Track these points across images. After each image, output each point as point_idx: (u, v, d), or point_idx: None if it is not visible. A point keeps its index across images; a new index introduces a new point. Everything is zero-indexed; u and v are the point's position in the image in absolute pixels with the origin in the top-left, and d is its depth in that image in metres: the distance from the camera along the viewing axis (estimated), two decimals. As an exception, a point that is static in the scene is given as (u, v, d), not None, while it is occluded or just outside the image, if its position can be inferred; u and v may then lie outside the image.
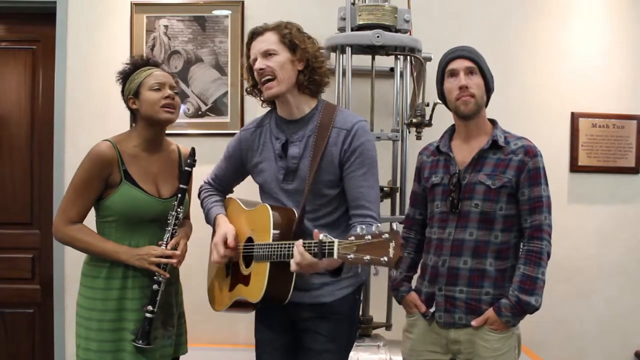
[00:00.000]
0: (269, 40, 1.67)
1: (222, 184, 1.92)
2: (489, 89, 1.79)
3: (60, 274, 2.76)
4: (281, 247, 1.56)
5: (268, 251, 1.59)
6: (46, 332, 2.85)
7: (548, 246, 1.72)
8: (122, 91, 1.84)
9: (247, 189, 1.94)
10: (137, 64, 1.83)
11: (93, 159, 1.72)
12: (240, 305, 1.77)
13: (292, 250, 1.50)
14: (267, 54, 1.66)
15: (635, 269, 2.84)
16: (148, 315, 1.71)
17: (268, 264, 1.59)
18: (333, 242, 1.39)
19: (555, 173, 2.74)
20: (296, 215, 1.65)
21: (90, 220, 1.81)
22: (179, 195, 1.79)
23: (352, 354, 1.79)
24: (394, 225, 2.34)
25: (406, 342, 1.88)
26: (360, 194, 1.65)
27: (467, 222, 1.74)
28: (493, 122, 1.83)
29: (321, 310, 1.69)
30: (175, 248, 1.77)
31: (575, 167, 2.82)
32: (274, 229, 1.60)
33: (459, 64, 1.76)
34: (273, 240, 1.59)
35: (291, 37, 1.66)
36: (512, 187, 1.72)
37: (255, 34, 1.70)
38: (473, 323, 1.72)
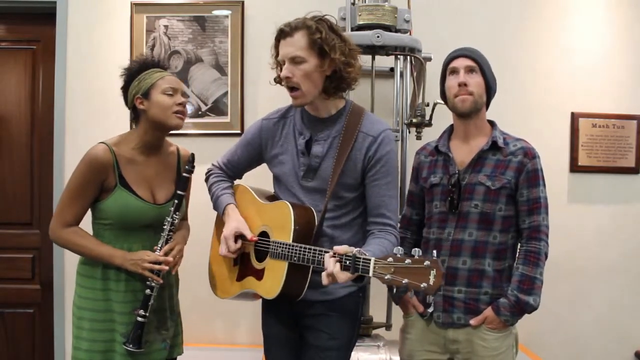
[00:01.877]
0: (297, 45, 1.60)
1: (234, 170, 1.90)
2: (489, 89, 1.79)
3: (60, 274, 2.77)
4: (305, 251, 1.55)
5: (289, 252, 1.58)
6: (46, 332, 2.85)
7: (546, 247, 1.74)
8: (125, 88, 1.79)
9: (255, 177, 1.95)
10: (147, 64, 1.79)
11: (88, 163, 1.70)
12: (247, 295, 1.78)
13: (317, 257, 1.52)
14: (294, 61, 1.61)
15: (635, 269, 2.84)
16: (140, 319, 1.69)
17: (287, 264, 1.59)
18: (369, 260, 1.40)
19: (555, 173, 2.74)
20: (315, 216, 1.65)
21: (87, 221, 1.80)
22: (176, 201, 1.77)
23: (352, 354, 1.79)
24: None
25: (404, 342, 1.89)
26: (382, 203, 1.66)
27: (466, 222, 1.75)
28: (492, 123, 1.83)
29: (325, 307, 1.69)
30: (168, 254, 1.75)
31: (575, 167, 2.82)
32: (294, 228, 1.60)
33: (460, 63, 1.77)
34: (293, 241, 1.59)
35: (321, 42, 1.59)
36: (512, 188, 1.73)
37: (284, 34, 1.63)
38: (472, 322, 1.73)
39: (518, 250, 1.78)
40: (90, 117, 2.75)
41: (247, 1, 2.75)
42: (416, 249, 1.38)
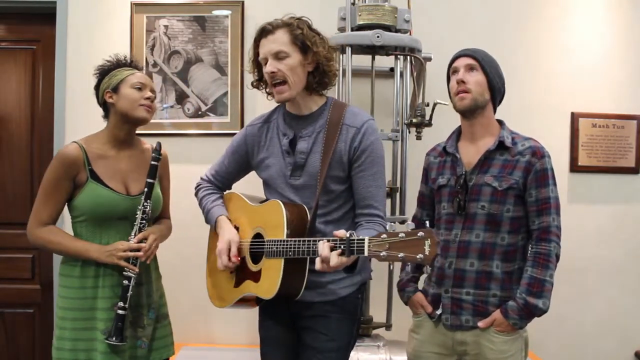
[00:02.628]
0: (280, 41, 1.64)
1: (223, 180, 1.90)
2: (493, 88, 1.77)
3: (60, 274, 2.76)
4: (299, 244, 1.55)
5: (283, 248, 1.58)
6: (46, 332, 2.85)
7: (557, 248, 1.71)
8: (97, 85, 1.84)
9: (245, 184, 1.94)
10: (120, 63, 1.84)
11: (59, 161, 1.75)
12: (245, 301, 1.77)
13: (312, 247, 1.51)
14: (278, 56, 1.64)
15: (635, 269, 2.84)
16: (120, 312, 1.69)
17: (282, 261, 1.58)
18: (363, 239, 1.40)
19: (556, 173, 2.72)
20: (307, 211, 1.65)
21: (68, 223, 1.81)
22: (146, 189, 1.78)
23: (352, 354, 1.79)
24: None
25: (412, 342, 1.88)
26: (369, 194, 1.67)
27: (473, 224, 1.73)
28: (500, 123, 1.82)
29: (323, 308, 1.69)
30: (143, 242, 1.75)
31: (575, 167, 2.82)
32: (287, 225, 1.59)
33: (460, 62, 1.77)
34: (287, 237, 1.58)
35: (303, 38, 1.64)
36: (520, 189, 1.71)
37: (266, 31, 1.66)
38: (480, 324, 1.71)
39: (528, 252, 1.75)
40: (90, 117, 2.71)
41: (247, 1, 2.75)
42: (409, 222, 1.38)
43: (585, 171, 2.82)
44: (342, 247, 1.43)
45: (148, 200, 1.77)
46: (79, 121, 2.76)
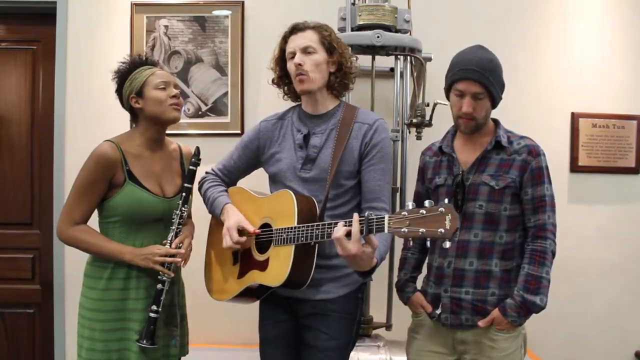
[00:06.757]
0: (310, 38, 1.74)
1: (230, 175, 1.92)
2: (494, 104, 1.77)
3: (60, 274, 2.76)
4: (312, 229, 1.57)
5: (295, 234, 1.60)
6: (46, 332, 2.85)
7: (552, 245, 1.73)
8: (119, 90, 1.82)
9: (248, 182, 1.94)
10: (136, 63, 1.82)
11: (97, 160, 1.71)
12: (246, 296, 1.78)
13: (327, 231, 1.53)
14: (306, 51, 1.73)
15: (635, 269, 2.84)
16: (152, 315, 1.70)
17: (293, 247, 1.60)
18: (382, 217, 1.42)
19: (555, 173, 2.69)
20: (316, 205, 1.68)
21: (93, 222, 1.80)
22: (184, 194, 1.78)
23: (352, 354, 1.79)
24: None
25: (412, 342, 1.88)
26: (378, 187, 1.72)
27: (471, 223, 1.74)
28: (496, 122, 1.82)
29: (324, 307, 1.70)
30: (179, 247, 1.75)
31: (575, 167, 2.82)
32: (298, 214, 1.61)
33: (467, 88, 1.70)
34: (298, 224, 1.60)
35: (330, 39, 1.75)
36: (516, 187, 1.72)
37: (297, 29, 1.77)
38: (480, 323, 1.72)
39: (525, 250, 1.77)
40: (90, 117, 2.75)
41: (247, 1, 2.75)
42: (429, 200, 1.39)
43: (586, 171, 2.82)
44: (362, 225, 1.44)
45: (185, 205, 1.78)
46: (79, 121, 2.76)
